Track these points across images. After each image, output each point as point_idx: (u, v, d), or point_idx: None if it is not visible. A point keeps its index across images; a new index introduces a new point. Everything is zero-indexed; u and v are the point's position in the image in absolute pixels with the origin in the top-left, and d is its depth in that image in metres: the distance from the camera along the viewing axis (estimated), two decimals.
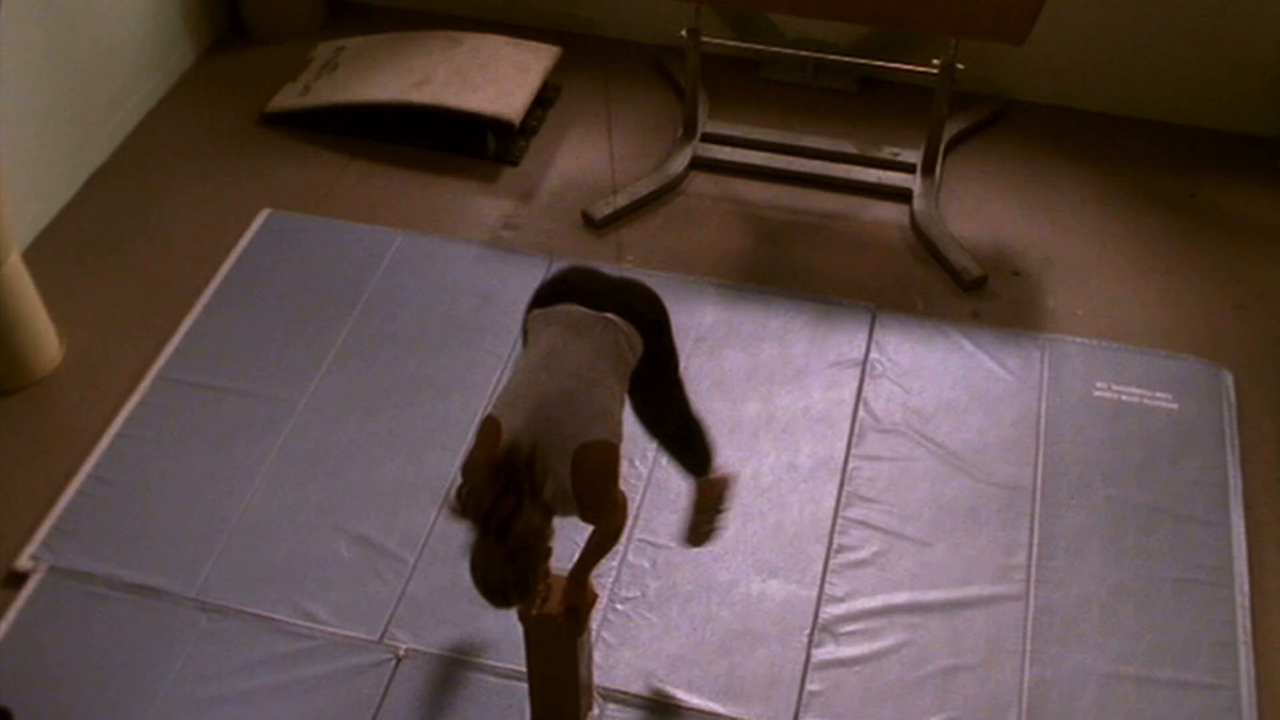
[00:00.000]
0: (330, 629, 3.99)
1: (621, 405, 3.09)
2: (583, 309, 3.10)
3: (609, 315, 3.09)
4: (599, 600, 3.56)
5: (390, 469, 4.43)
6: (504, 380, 4.60)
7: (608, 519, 3.14)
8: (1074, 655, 3.95)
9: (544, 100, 5.82)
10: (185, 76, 6.01)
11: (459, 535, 4.11)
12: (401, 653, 3.93)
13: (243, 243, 5.21)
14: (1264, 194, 5.50)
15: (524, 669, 3.79)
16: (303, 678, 3.87)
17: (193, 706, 3.81)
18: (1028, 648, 3.96)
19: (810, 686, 3.87)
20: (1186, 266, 5.20)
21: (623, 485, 3.33)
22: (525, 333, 3.28)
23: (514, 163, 5.60)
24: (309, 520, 4.29)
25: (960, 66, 5.19)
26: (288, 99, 5.78)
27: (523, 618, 3.43)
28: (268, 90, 5.88)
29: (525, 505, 2.80)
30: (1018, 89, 5.93)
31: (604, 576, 4.05)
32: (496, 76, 5.64)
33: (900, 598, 4.09)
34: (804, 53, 5.70)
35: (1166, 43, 5.65)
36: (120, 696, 3.83)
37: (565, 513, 3.03)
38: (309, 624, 4.00)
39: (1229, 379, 4.73)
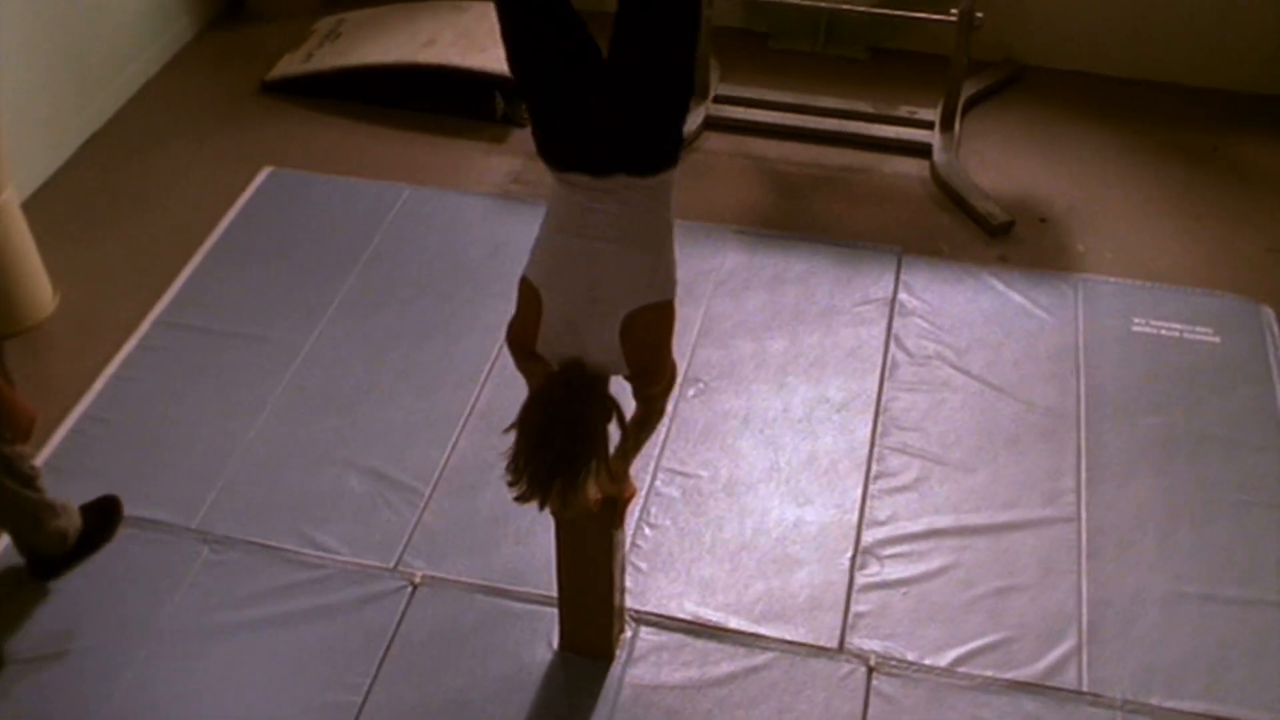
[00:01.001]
0: (340, 558, 3.75)
1: (672, 248, 2.85)
2: (589, 176, 2.68)
3: (622, 178, 2.67)
4: (636, 496, 3.32)
5: (401, 406, 4.21)
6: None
7: (656, 385, 2.92)
8: (1132, 575, 3.73)
9: None
10: (184, 50, 5.88)
11: (475, 468, 4.00)
12: (417, 579, 3.69)
13: (243, 199, 5.04)
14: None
15: (550, 594, 3.57)
16: (311, 607, 3.62)
17: (195, 635, 3.54)
18: (1083, 568, 3.74)
19: (856, 608, 3.64)
20: (1216, 213, 5.06)
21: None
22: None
23: (522, 124, 5.46)
24: (316, 455, 4.05)
25: (979, 15, 5.08)
26: (290, 66, 5.65)
27: (554, 511, 3.20)
28: (268, 62, 5.76)
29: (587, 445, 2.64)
30: (1032, 55, 5.84)
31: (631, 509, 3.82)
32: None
33: (944, 521, 3.87)
34: (820, 2, 5.55)
35: (1179, 3, 5.58)
36: (121, 627, 3.56)
37: (614, 373, 2.82)
38: (317, 553, 3.75)
39: (1269, 314, 4.56)
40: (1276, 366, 4.36)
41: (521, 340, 2.86)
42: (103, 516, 3.78)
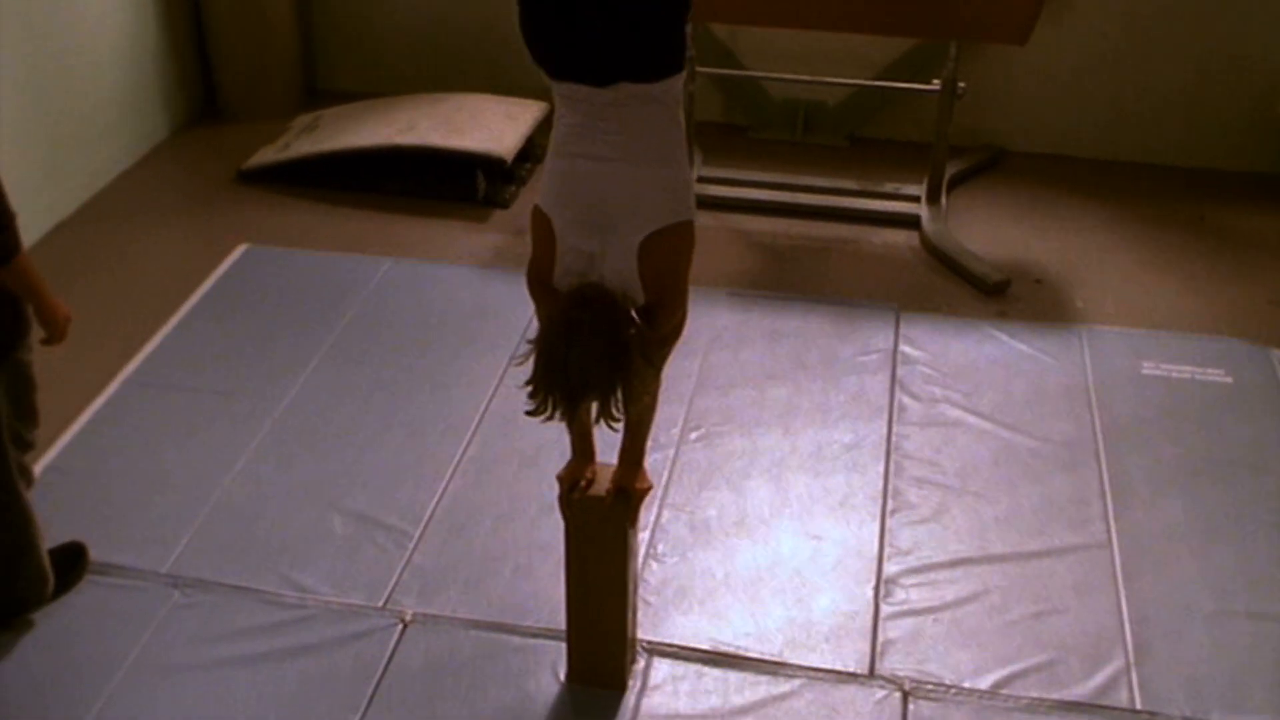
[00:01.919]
0: (324, 597, 3.45)
1: (685, 167, 2.69)
2: (592, 88, 2.53)
3: (624, 85, 2.52)
4: (652, 491, 3.08)
5: (387, 451, 3.98)
6: (506, 374, 4.25)
7: (673, 315, 2.73)
8: (1174, 594, 3.50)
9: (532, 155, 5.65)
10: (159, 146, 5.80)
11: (468, 509, 3.74)
12: (408, 617, 3.39)
13: (219, 271, 4.87)
14: (1269, 217, 5.39)
15: (554, 628, 3.31)
16: (292, 645, 3.30)
17: (164, 673, 3.21)
18: (1121, 589, 3.51)
19: (884, 634, 3.37)
20: (1212, 272, 5.01)
21: (648, 463, 3.01)
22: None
23: (504, 205, 5.37)
24: (296, 498, 3.79)
25: (962, 85, 5.11)
26: (266, 155, 5.57)
27: (564, 504, 2.96)
28: (244, 156, 5.67)
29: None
30: (1012, 140, 5.88)
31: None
32: (485, 123, 5.48)
33: (970, 550, 3.64)
34: (802, 76, 5.57)
35: (1156, 88, 5.66)
36: (82, 668, 3.22)
37: (632, 302, 2.63)
38: (298, 594, 3.46)
39: (1273, 354, 4.46)
40: None
41: (539, 274, 2.69)
42: (67, 562, 3.48)
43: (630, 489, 2.93)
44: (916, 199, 5.35)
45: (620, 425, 2.64)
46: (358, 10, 6.16)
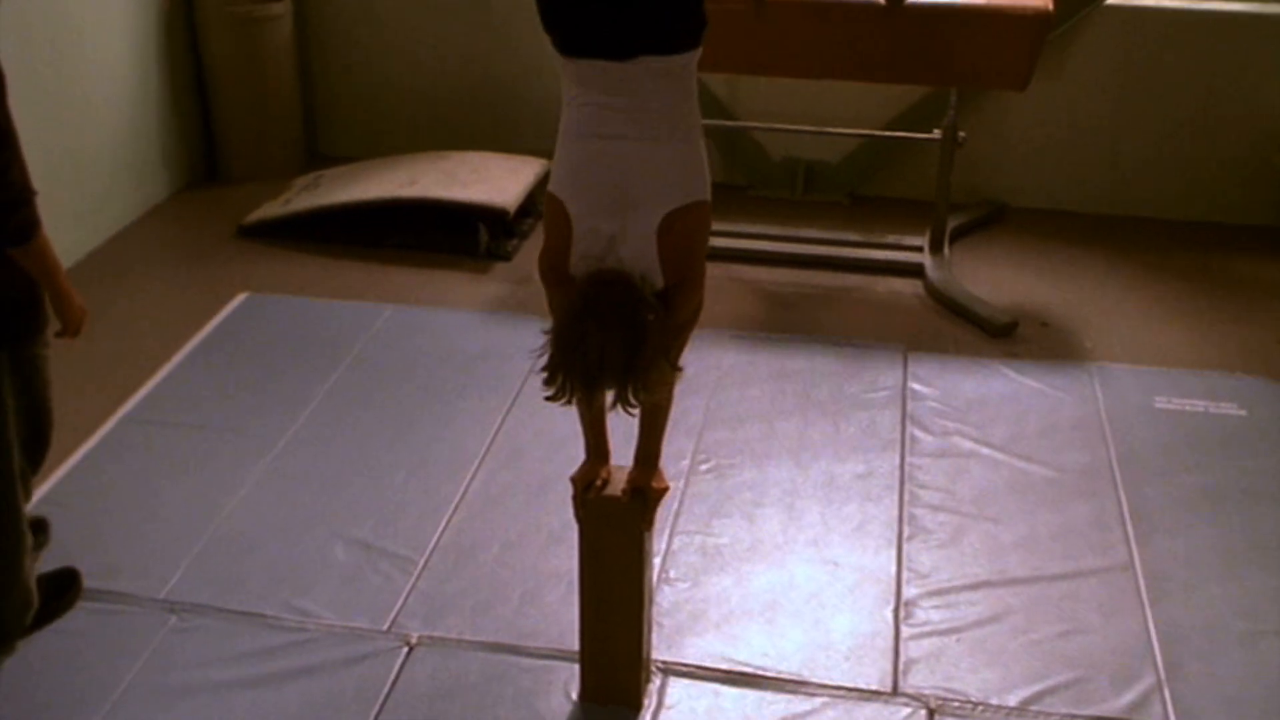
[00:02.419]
0: (326, 621, 3.34)
1: (701, 145, 2.66)
2: (610, 62, 2.50)
3: (644, 59, 2.50)
4: (669, 492, 2.99)
5: (390, 484, 3.89)
6: (510, 417, 4.19)
7: (693, 298, 2.67)
8: (1203, 616, 3.40)
9: (534, 210, 5.64)
10: (158, 206, 5.79)
11: (475, 537, 3.65)
12: (413, 640, 3.27)
13: (218, 318, 4.82)
14: (1271, 265, 5.38)
15: (565, 649, 3.21)
16: (292, 667, 3.18)
17: (159, 697, 3.09)
18: (1148, 611, 3.40)
19: (906, 654, 3.26)
20: (1219, 314, 4.98)
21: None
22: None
23: (506, 258, 5.35)
24: (298, 527, 3.69)
25: (962, 134, 5.14)
26: (267, 211, 5.55)
27: (578, 505, 2.88)
28: (244, 214, 5.65)
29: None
30: (1011, 197, 5.89)
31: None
32: (487, 177, 5.49)
33: (989, 574, 3.55)
34: (805, 127, 5.59)
35: (1154, 141, 5.70)
36: (72, 694, 3.10)
37: (651, 285, 2.58)
38: (299, 618, 3.34)
39: None
40: None
41: (554, 264, 2.64)
42: (58, 588, 3.37)
43: (647, 488, 2.85)
44: (919, 249, 5.34)
45: (636, 412, 2.58)
46: (359, 75, 6.20)
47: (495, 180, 5.46)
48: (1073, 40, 5.57)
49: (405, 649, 3.24)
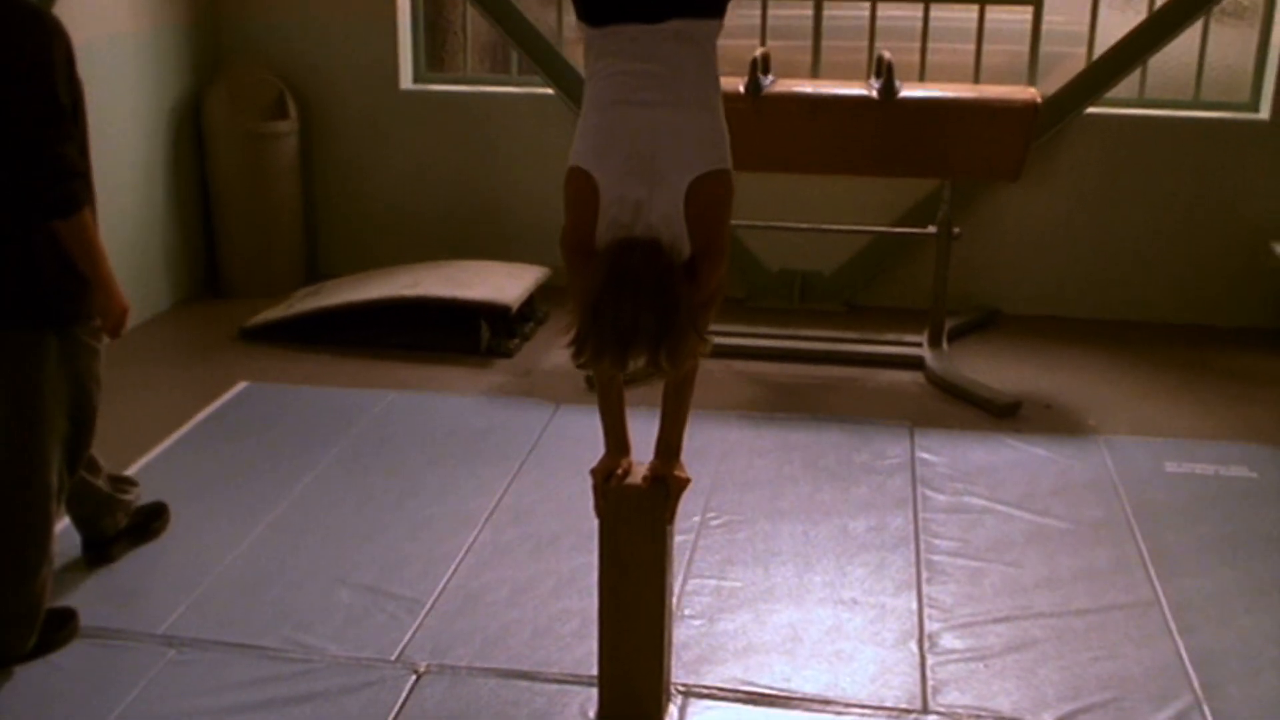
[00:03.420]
0: (331, 651, 3.21)
1: (722, 113, 2.71)
2: (639, 26, 2.59)
3: (674, 23, 2.59)
4: (689, 487, 2.91)
5: (393, 537, 3.80)
6: (516, 481, 4.14)
7: (718, 267, 2.67)
8: (1235, 643, 3.31)
9: (534, 316, 5.69)
10: (159, 315, 5.81)
11: (483, 579, 3.55)
12: (421, 669, 3.15)
13: (217, 403, 4.78)
14: (1270, 359, 5.43)
15: (580, 674, 3.09)
16: (293, 693, 3.05)
17: None
18: (1178, 640, 3.31)
19: (934, 678, 3.15)
20: (1220, 398, 4.99)
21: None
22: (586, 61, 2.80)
23: (508, 355, 5.36)
24: (302, 572, 3.59)
25: (957, 229, 5.25)
26: (269, 314, 5.58)
27: (599, 495, 2.82)
28: (246, 319, 5.67)
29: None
30: (1005, 304, 5.97)
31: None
32: (488, 279, 5.54)
33: (1013, 610, 3.46)
34: (801, 224, 5.69)
35: (1144, 246, 5.81)
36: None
37: (678, 254, 2.59)
38: (303, 651, 3.22)
39: None
40: None
41: (580, 240, 2.64)
42: (55, 624, 3.25)
43: (669, 477, 2.80)
44: (918, 344, 5.37)
45: (665, 378, 2.56)
46: (360, 193, 6.32)
47: (496, 282, 5.52)
48: (1059, 147, 5.74)
49: (413, 676, 3.11)
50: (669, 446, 2.83)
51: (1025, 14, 5.73)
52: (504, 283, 5.52)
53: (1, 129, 2.86)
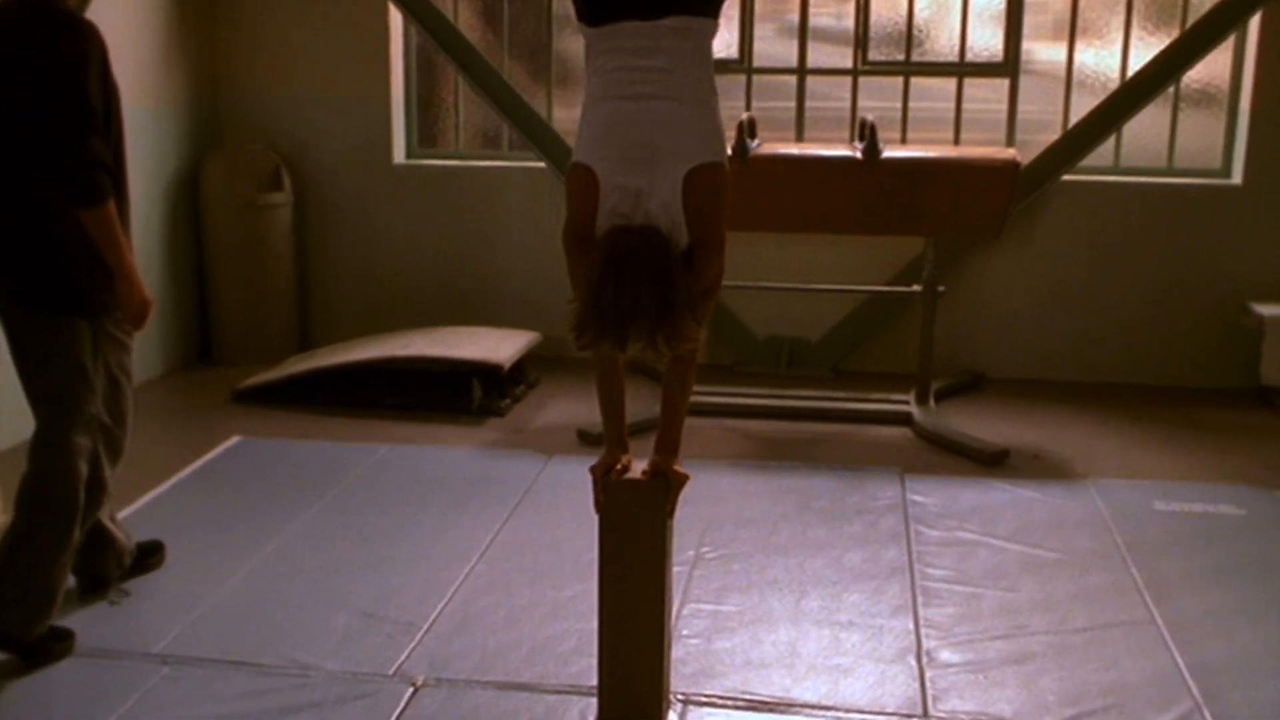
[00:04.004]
0: (327, 668, 3.19)
1: (719, 111, 2.80)
2: (639, 23, 2.71)
3: (672, 19, 2.71)
4: (688, 483, 2.94)
5: (388, 570, 3.79)
6: (511, 521, 4.15)
7: (716, 257, 2.73)
8: (1233, 655, 3.32)
9: (525, 379, 5.74)
10: (151, 381, 5.83)
11: (480, 605, 3.54)
12: (419, 682, 3.13)
13: (210, 455, 4.79)
14: (1252, 415, 5.50)
15: (579, 684, 3.09)
16: (287, 704, 3.02)
17: None
18: (1175, 652, 3.32)
19: (934, 687, 3.14)
20: (1203, 447, 5.05)
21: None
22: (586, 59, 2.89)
23: (499, 414, 5.39)
24: (297, 599, 3.58)
25: (941, 288, 5.36)
26: (262, 377, 5.61)
27: (599, 490, 2.84)
28: (239, 384, 5.71)
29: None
30: (988, 368, 6.05)
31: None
32: (479, 341, 5.60)
33: (1011, 628, 3.46)
34: (795, 285, 5.77)
35: (1123, 311, 5.92)
36: None
37: (676, 243, 2.66)
38: (299, 667, 3.20)
39: None
40: None
41: (580, 231, 2.72)
42: (56, 635, 3.26)
43: (668, 471, 2.83)
44: (905, 402, 5.43)
45: (665, 361, 2.62)
46: (352, 266, 6.40)
47: (488, 343, 5.57)
48: (1039, 215, 5.88)
49: (411, 689, 3.09)
50: (668, 442, 2.87)
51: (1001, 103, 5.91)
52: (496, 344, 5.58)
53: (35, 123, 3.04)
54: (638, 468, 2.88)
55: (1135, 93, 5.73)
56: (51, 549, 3.16)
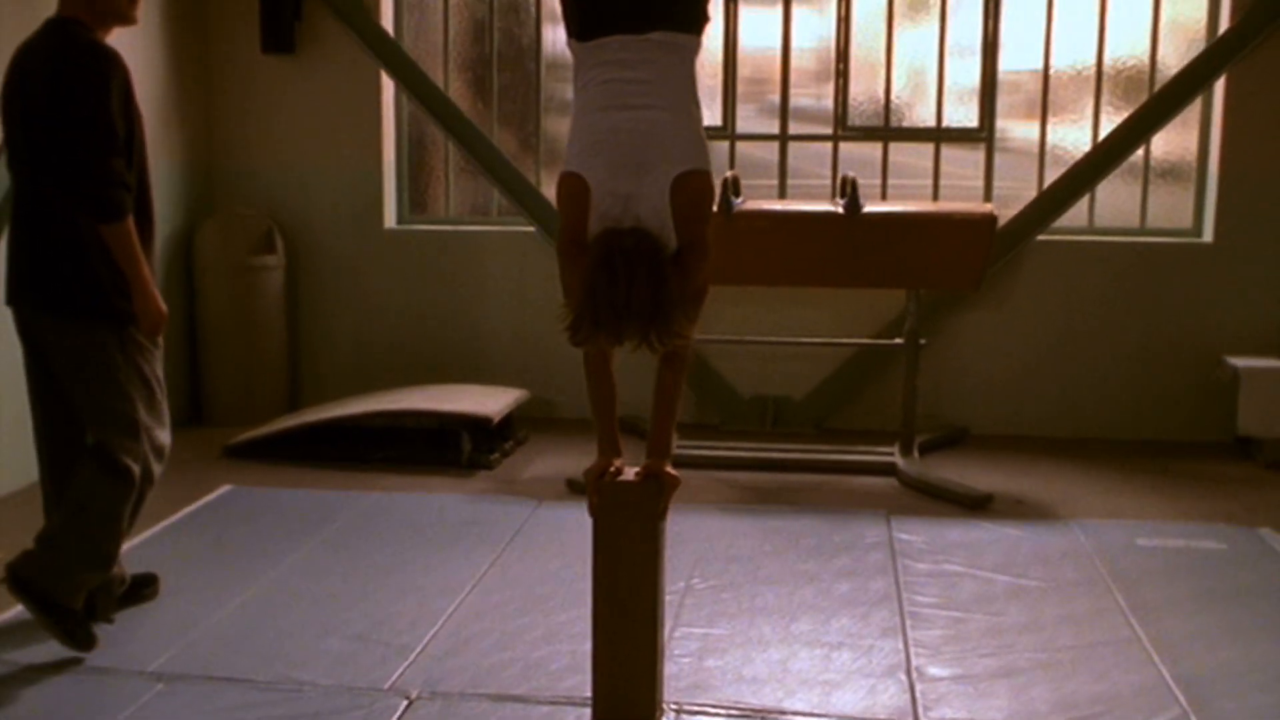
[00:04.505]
0: (322, 684, 3.21)
1: (702, 122, 2.91)
2: (627, 37, 2.84)
3: (659, 34, 2.83)
4: (680, 485, 2.99)
5: (383, 599, 3.82)
6: (502, 557, 4.19)
7: (704, 259, 2.82)
8: (1218, 669, 3.38)
9: (513, 435, 5.79)
10: None
11: (470, 632, 3.56)
12: (413, 695, 3.14)
13: (200, 501, 4.82)
14: (1231, 466, 5.57)
15: (574, 695, 3.10)
16: (282, 715, 3.03)
17: None
18: (1162, 668, 3.37)
19: (924, 700, 3.17)
20: (1183, 494, 5.12)
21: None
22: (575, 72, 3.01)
23: (489, 468, 5.44)
24: (291, 625, 3.60)
25: (923, 340, 5.47)
26: (253, 432, 5.65)
27: (592, 493, 2.89)
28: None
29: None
30: (972, 425, 6.12)
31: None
32: (469, 396, 5.67)
33: (999, 648, 3.50)
34: (784, 339, 5.85)
35: (1101, 369, 6.03)
36: None
37: (665, 245, 2.76)
38: (293, 683, 3.21)
39: (1267, 531, 4.52)
40: None
41: (574, 237, 2.81)
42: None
43: (661, 475, 2.89)
44: (890, 453, 5.50)
45: (659, 354, 2.70)
46: (343, 328, 6.48)
47: (476, 398, 5.64)
48: (1017, 273, 6.02)
49: (405, 702, 3.11)
50: (660, 445, 2.94)
51: (977, 177, 6.09)
52: (484, 399, 5.65)
53: (60, 143, 3.23)
54: (630, 471, 2.93)
55: (1107, 154, 5.91)
56: (99, 533, 3.36)
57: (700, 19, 2.90)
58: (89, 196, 3.22)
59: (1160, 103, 5.86)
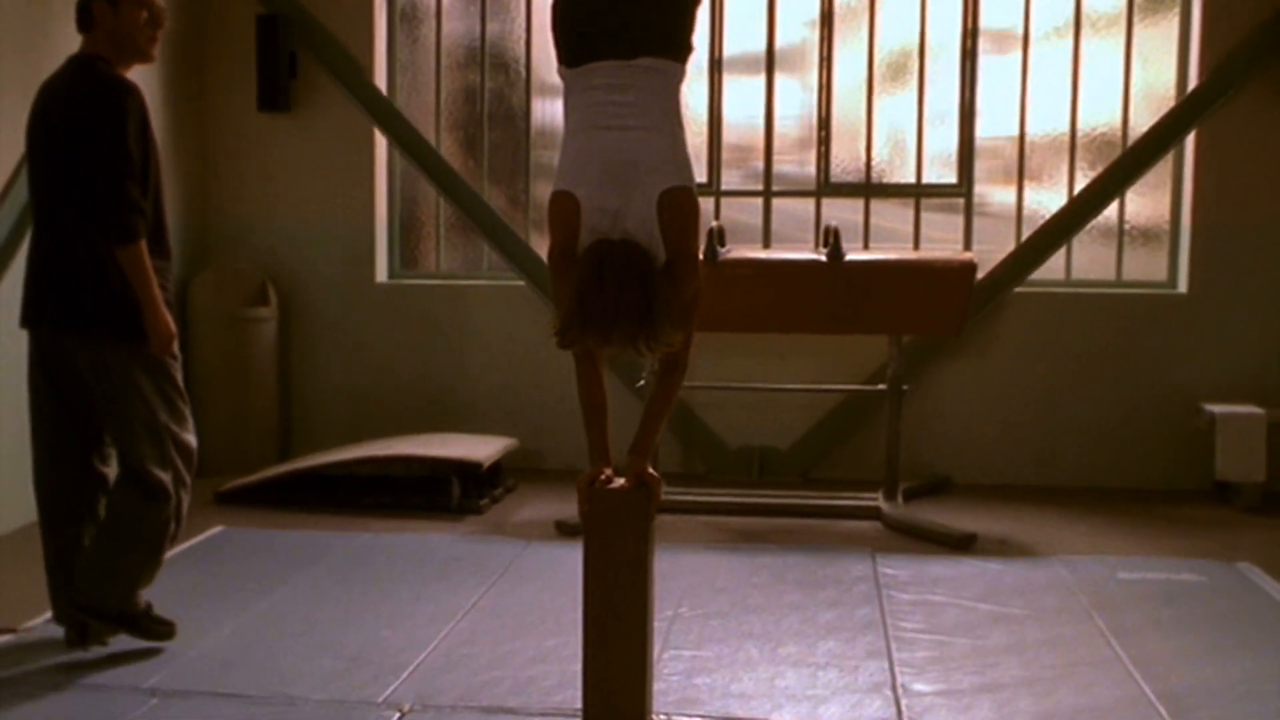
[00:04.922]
0: (315, 698, 3.24)
1: (686, 142, 3.02)
2: (615, 62, 2.96)
3: (645, 59, 2.96)
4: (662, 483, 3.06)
5: (374, 625, 3.87)
6: (493, 590, 4.24)
7: (693, 273, 2.92)
8: (1199, 686, 3.44)
9: (503, 483, 5.85)
10: None
11: (462, 655, 3.60)
12: (406, 708, 3.18)
13: (191, 541, 4.85)
14: (1210, 510, 5.66)
15: (566, 707, 3.15)
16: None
17: None
18: (1145, 686, 3.42)
19: (912, 710, 3.22)
20: (1164, 535, 5.20)
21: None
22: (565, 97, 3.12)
23: (478, 512, 5.49)
24: (284, 647, 3.64)
25: (905, 386, 5.57)
26: (245, 479, 5.70)
27: (584, 499, 2.96)
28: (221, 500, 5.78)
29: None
30: (955, 473, 6.20)
31: None
32: (459, 443, 5.73)
33: (983, 668, 3.56)
34: (770, 385, 5.93)
35: (1082, 420, 6.12)
36: None
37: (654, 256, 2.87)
38: (287, 697, 3.25)
39: (1241, 565, 4.59)
40: (1267, 585, 4.33)
41: (565, 251, 2.91)
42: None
43: (643, 474, 2.96)
44: (874, 499, 5.57)
45: (648, 359, 2.79)
46: (335, 380, 6.55)
47: (466, 445, 5.71)
48: (997, 324, 6.14)
49: (397, 714, 3.15)
50: (642, 445, 3.01)
51: (956, 240, 6.24)
52: (475, 446, 5.71)
53: (79, 169, 3.38)
54: (618, 480, 3.01)
55: (1083, 206, 6.07)
56: (146, 548, 3.55)
57: (684, 48, 3.04)
58: (104, 219, 3.37)
59: (1133, 157, 6.03)
